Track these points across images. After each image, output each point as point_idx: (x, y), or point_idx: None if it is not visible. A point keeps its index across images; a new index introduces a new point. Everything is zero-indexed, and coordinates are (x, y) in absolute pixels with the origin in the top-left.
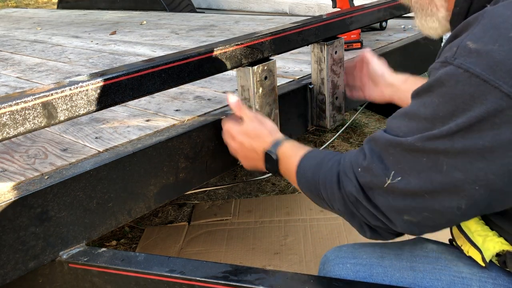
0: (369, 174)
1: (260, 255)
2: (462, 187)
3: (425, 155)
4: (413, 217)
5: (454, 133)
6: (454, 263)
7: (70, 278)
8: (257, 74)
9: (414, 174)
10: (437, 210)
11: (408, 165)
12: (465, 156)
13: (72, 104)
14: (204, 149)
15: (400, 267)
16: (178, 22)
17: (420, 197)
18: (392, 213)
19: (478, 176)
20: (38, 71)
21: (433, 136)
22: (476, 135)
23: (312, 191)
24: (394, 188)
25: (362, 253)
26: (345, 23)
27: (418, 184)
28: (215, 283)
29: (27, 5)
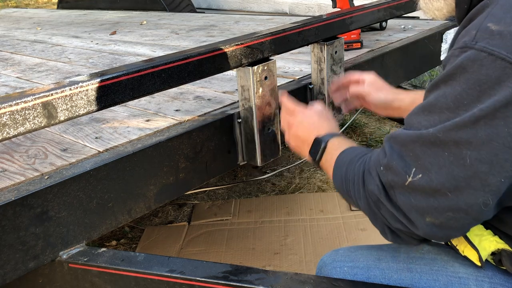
0: (390, 173)
1: (260, 255)
2: (488, 181)
3: (447, 148)
4: (436, 218)
5: (477, 120)
6: (450, 264)
7: (70, 278)
8: (257, 74)
9: (435, 169)
10: (461, 209)
11: (429, 160)
12: (489, 146)
13: (72, 104)
14: (204, 149)
15: (397, 268)
16: (178, 22)
17: (442, 195)
18: (414, 213)
19: (505, 167)
20: (38, 71)
21: (455, 125)
22: (501, 122)
23: (343, 187)
24: (415, 186)
25: (359, 256)
26: (345, 23)
27: (440, 180)
28: (215, 283)
29: (27, 5)
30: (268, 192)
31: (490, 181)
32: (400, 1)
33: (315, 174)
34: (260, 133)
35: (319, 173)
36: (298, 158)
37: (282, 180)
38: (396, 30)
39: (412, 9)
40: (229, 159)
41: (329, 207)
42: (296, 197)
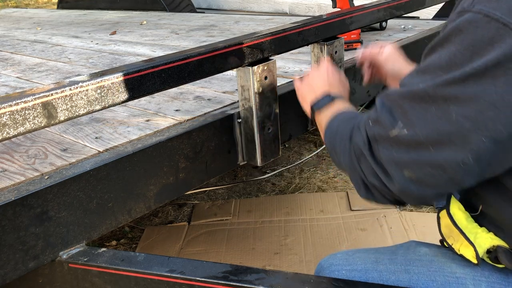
0: (377, 126)
1: (260, 255)
2: (470, 138)
3: (435, 103)
4: (414, 172)
5: (467, 77)
6: (447, 265)
7: (70, 278)
8: (257, 74)
9: (421, 124)
10: (440, 165)
11: (417, 115)
12: (476, 104)
13: (72, 104)
14: (204, 149)
15: (395, 270)
16: (178, 22)
17: (424, 149)
18: (393, 166)
19: (487, 126)
20: (38, 71)
21: (445, 82)
22: (489, 80)
23: (331, 142)
24: (400, 139)
25: (357, 259)
26: (345, 23)
27: (425, 134)
28: (215, 283)
29: (27, 5)
30: (268, 192)
31: (472, 138)
32: (400, 1)
33: (315, 174)
34: (260, 133)
35: (319, 173)
36: (298, 158)
37: (282, 180)
38: (396, 30)
39: (412, 9)
40: (229, 159)
41: (329, 207)
42: (296, 197)
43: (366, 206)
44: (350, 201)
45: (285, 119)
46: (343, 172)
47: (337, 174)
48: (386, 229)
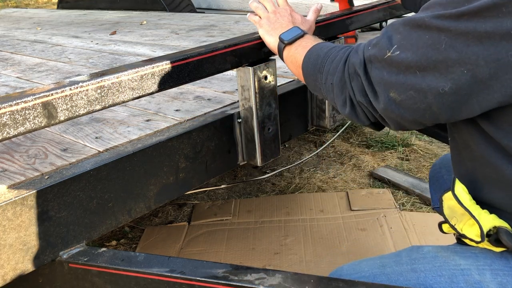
0: (375, 48)
1: (260, 255)
2: (453, 68)
3: (429, 32)
4: (399, 94)
5: (462, 14)
6: (451, 258)
7: (70, 278)
8: (257, 74)
9: (413, 49)
10: (422, 89)
11: (411, 41)
12: (464, 37)
13: (72, 104)
14: (204, 149)
15: (402, 271)
16: (178, 22)
17: (412, 72)
18: (381, 86)
19: (471, 59)
20: (38, 71)
21: (442, 15)
22: (481, 19)
23: (315, 65)
24: (392, 61)
25: (363, 267)
26: (345, 23)
27: (414, 58)
28: (215, 283)
29: (27, 5)
30: (268, 192)
31: (455, 69)
32: None
33: (315, 174)
34: (260, 133)
35: (319, 173)
36: (298, 158)
37: (282, 180)
38: None
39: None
40: (229, 159)
41: (329, 207)
42: (296, 197)
43: (366, 206)
44: (350, 201)
45: (285, 119)
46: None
47: (337, 174)
48: (386, 229)
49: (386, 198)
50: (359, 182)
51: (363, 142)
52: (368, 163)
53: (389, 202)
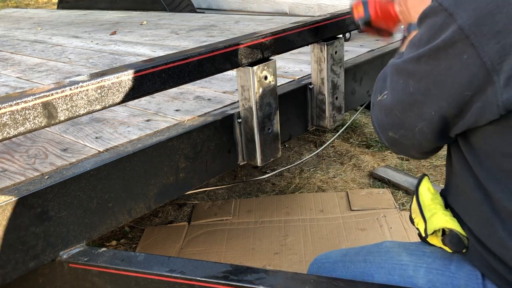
0: (374, 91)
1: (260, 255)
2: (423, 110)
3: (401, 76)
4: (394, 133)
5: (421, 57)
6: (398, 254)
7: (70, 278)
8: (257, 74)
9: (393, 93)
10: (408, 128)
11: (392, 85)
12: (425, 81)
13: (72, 104)
14: (204, 149)
15: (356, 260)
16: (178, 22)
17: (395, 115)
18: (381, 127)
19: (433, 101)
20: (38, 71)
21: (409, 59)
22: (435, 62)
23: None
24: (381, 104)
25: (332, 254)
26: (345, 23)
27: (393, 102)
28: (215, 283)
29: (27, 5)
30: (268, 192)
31: (425, 110)
32: None
33: (315, 174)
34: (260, 133)
35: (319, 173)
36: (298, 158)
37: (282, 180)
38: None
39: None
40: (229, 159)
41: (329, 207)
42: (296, 197)
43: (366, 206)
44: (350, 201)
45: (285, 119)
46: None
47: (337, 174)
48: (386, 229)
49: (386, 198)
50: (359, 182)
51: (363, 142)
52: (368, 163)
53: (389, 202)
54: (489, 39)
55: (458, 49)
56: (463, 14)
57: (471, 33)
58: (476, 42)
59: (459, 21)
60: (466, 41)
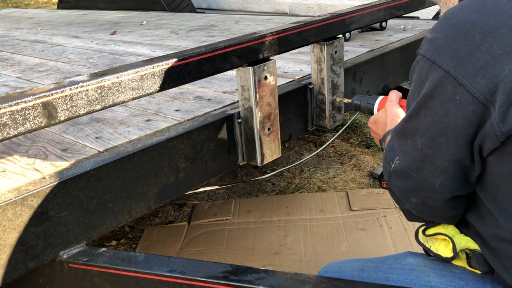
0: (386, 162)
1: (260, 255)
2: (436, 163)
3: (407, 136)
4: (416, 197)
5: (418, 111)
6: (426, 274)
7: (70, 278)
8: (257, 74)
9: (404, 155)
10: (427, 188)
11: (401, 148)
12: (429, 132)
13: (72, 104)
14: (204, 149)
15: (376, 278)
16: (178, 22)
17: (411, 177)
18: (403, 195)
19: (443, 151)
20: (38, 71)
21: (409, 117)
22: (432, 111)
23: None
24: (397, 171)
25: (346, 267)
26: (345, 23)
27: (406, 164)
28: (215, 283)
29: (27, 5)
30: (268, 192)
31: (437, 163)
32: (400, 1)
33: (315, 174)
34: (260, 133)
35: (319, 173)
36: (298, 158)
37: (282, 180)
38: (396, 30)
39: (412, 9)
40: (229, 159)
41: (329, 207)
42: (296, 197)
43: (366, 206)
44: (350, 201)
45: (285, 119)
46: None
47: (337, 174)
48: (386, 229)
49: (386, 198)
50: (359, 182)
51: (363, 142)
52: (368, 163)
53: (389, 202)
54: (475, 76)
55: (449, 92)
56: (445, 59)
57: (457, 74)
58: (463, 81)
59: (443, 66)
60: (454, 82)
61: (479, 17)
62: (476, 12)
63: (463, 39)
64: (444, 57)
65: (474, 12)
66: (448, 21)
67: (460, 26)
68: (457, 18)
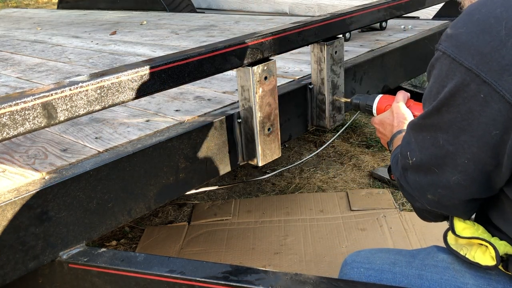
0: (402, 157)
1: (260, 255)
2: (456, 161)
3: (427, 131)
4: (433, 194)
5: (440, 107)
6: (461, 274)
7: (70, 278)
8: (257, 74)
9: (424, 150)
10: (445, 185)
11: (420, 143)
12: (452, 129)
13: (72, 104)
14: (204, 149)
15: (409, 274)
16: (178, 22)
17: (432, 172)
18: (419, 191)
19: (464, 148)
20: (38, 71)
21: (429, 113)
22: (455, 109)
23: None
24: (416, 166)
25: (377, 259)
26: (345, 23)
27: (427, 159)
28: (215, 283)
29: (27, 5)
30: (268, 192)
31: (458, 160)
32: (400, 1)
33: (315, 174)
34: (260, 133)
35: (319, 173)
36: (298, 158)
37: (282, 180)
38: (396, 30)
39: (412, 9)
40: (229, 159)
41: (329, 207)
42: (296, 197)
43: (366, 206)
44: (350, 201)
45: (285, 119)
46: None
47: (337, 174)
48: (386, 229)
49: (386, 198)
50: (359, 182)
51: (363, 142)
52: (368, 163)
53: (389, 202)
54: (501, 73)
55: (473, 90)
56: (467, 56)
57: (480, 71)
58: (488, 78)
59: (466, 63)
60: (478, 80)
61: (505, 12)
62: (502, 7)
63: (487, 35)
64: (466, 55)
65: (499, 6)
66: (471, 16)
67: (484, 22)
68: (481, 13)
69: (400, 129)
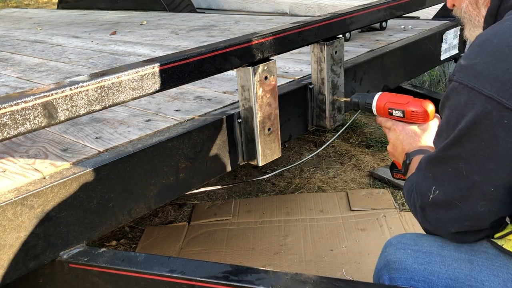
0: (419, 195)
1: (260, 255)
2: (483, 190)
3: (448, 163)
4: (459, 228)
5: (461, 138)
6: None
7: (70, 278)
8: (257, 74)
9: (445, 184)
10: (473, 217)
11: (441, 176)
12: (476, 158)
13: (72, 104)
14: (204, 149)
15: (459, 258)
16: (178, 22)
17: (456, 206)
18: (443, 227)
19: (492, 176)
20: (38, 71)
21: (448, 144)
22: (477, 138)
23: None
24: (436, 202)
25: (424, 241)
26: (345, 23)
27: (450, 192)
28: (215, 283)
29: (27, 5)
30: (268, 192)
31: (485, 189)
32: (400, 1)
33: (315, 174)
34: (260, 133)
35: (319, 173)
36: (298, 158)
37: (282, 180)
38: (396, 30)
39: (412, 9)
40: (229, 159)
41: (329, 207)
42: (296, 197)
43: (366, 206)
44: (350, 201)
45: (285, 119)
46: None
47: (337, 174)
48: (386, 229)
49: (386, 199)
50: (359, 182)
51: (363, 142)
52: (368, 163)
53: (389, 203)
54: None
55: (495, 116)
56: (486, 84)
57: (501, 98)
58: (510, 104)
59: (485, 91)
60: (500, 106)
61: None
62: None
63: (504, 63)
64: (484, 83)
65: (510, 36)
66: (484, 47)
67: (498, 51)
68: (494, 43)
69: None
